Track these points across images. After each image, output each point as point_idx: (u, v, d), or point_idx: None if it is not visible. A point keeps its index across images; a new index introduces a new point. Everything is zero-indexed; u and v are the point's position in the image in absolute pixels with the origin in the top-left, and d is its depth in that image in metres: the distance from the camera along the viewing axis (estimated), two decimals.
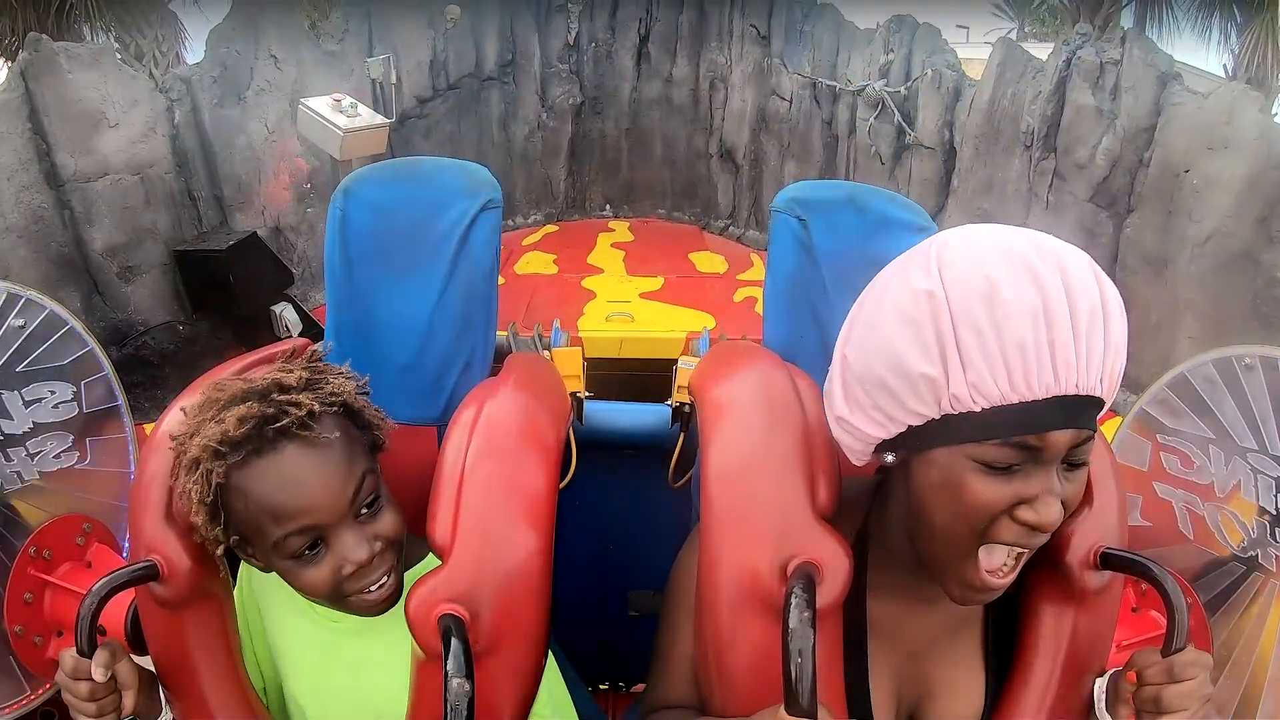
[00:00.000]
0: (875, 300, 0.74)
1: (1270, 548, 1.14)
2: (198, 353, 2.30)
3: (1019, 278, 0.65)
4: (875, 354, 0.72)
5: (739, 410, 0.89)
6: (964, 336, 0.65)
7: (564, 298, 3.09)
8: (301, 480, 0.82)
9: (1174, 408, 1.24)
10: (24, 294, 1.25)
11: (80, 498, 1.33)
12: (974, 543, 0.73)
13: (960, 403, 0.67)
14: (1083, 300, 0.65)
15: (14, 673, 1.21)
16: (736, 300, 3.13)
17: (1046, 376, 0.65)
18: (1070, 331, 0.64)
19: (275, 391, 0.84)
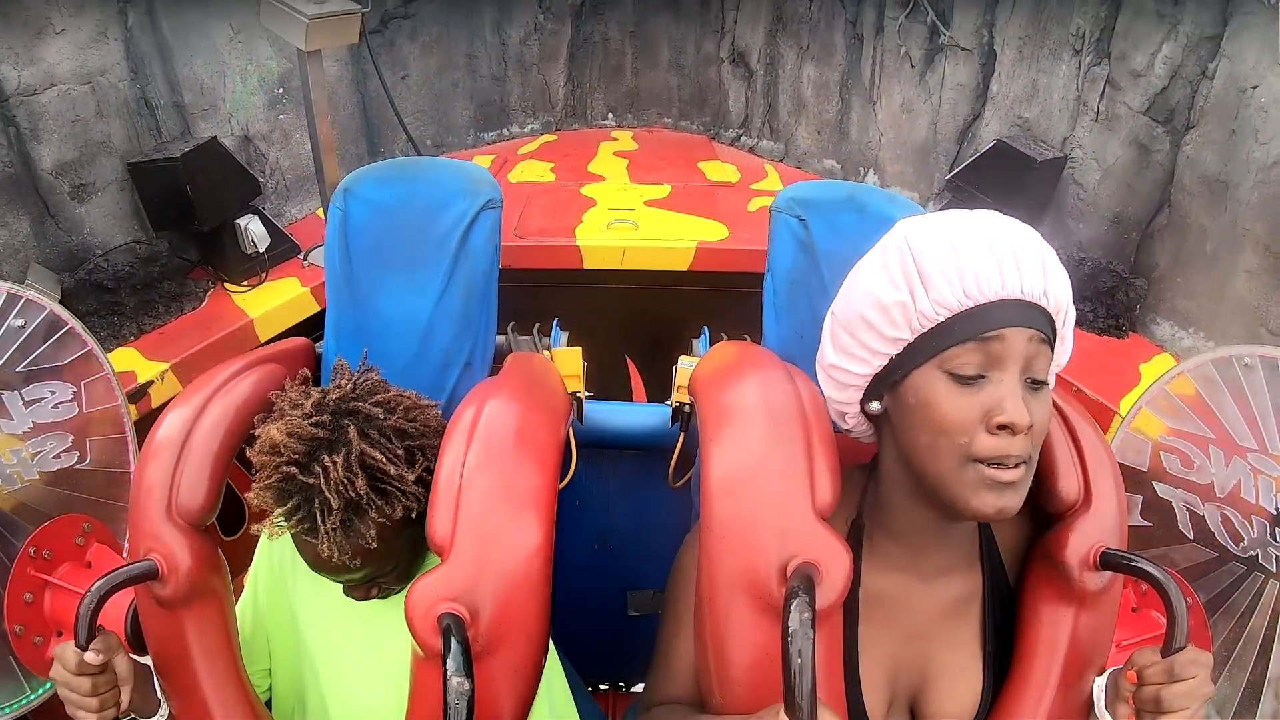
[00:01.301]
0: (854, 270, 0.89)
1: (1270, 548, 1.14)
2: (156, 274, 2.13)
3: (970, 222, 0.81)
4: (855, 299, 0.86)
5: (741, 415, 0.89)
6: (925, 265, 0.79)
7: (561, 205, 2.79)
8: (324, 566, 0.93)
9: (1174, 408, 1.24)
10: (24, 294, 1.25)
11: (80, 498, 1.33)
12: (961, 458, 0.78)
13: (927, 318, 0.79)
14: (1024, 237, 0.80)
15: (14, 673, 1.21)
16: (751, 210, 2.84)
17: (994, 282, 0.77)
18: (1012, 253, 0.78)
19: (321, 505, 0.89)
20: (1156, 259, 2.18)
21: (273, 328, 2.20)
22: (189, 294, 2.20)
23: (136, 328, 2.04)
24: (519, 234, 2.57)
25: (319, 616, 1.08)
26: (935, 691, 0.90)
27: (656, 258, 2.59)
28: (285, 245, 2.46)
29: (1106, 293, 2.18)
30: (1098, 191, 2.27)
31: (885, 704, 0.90)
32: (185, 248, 2.32)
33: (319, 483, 0.87)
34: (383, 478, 0.91)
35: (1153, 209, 2.18)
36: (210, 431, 0.97)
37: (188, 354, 1.96)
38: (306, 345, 1.32)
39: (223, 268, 2.32)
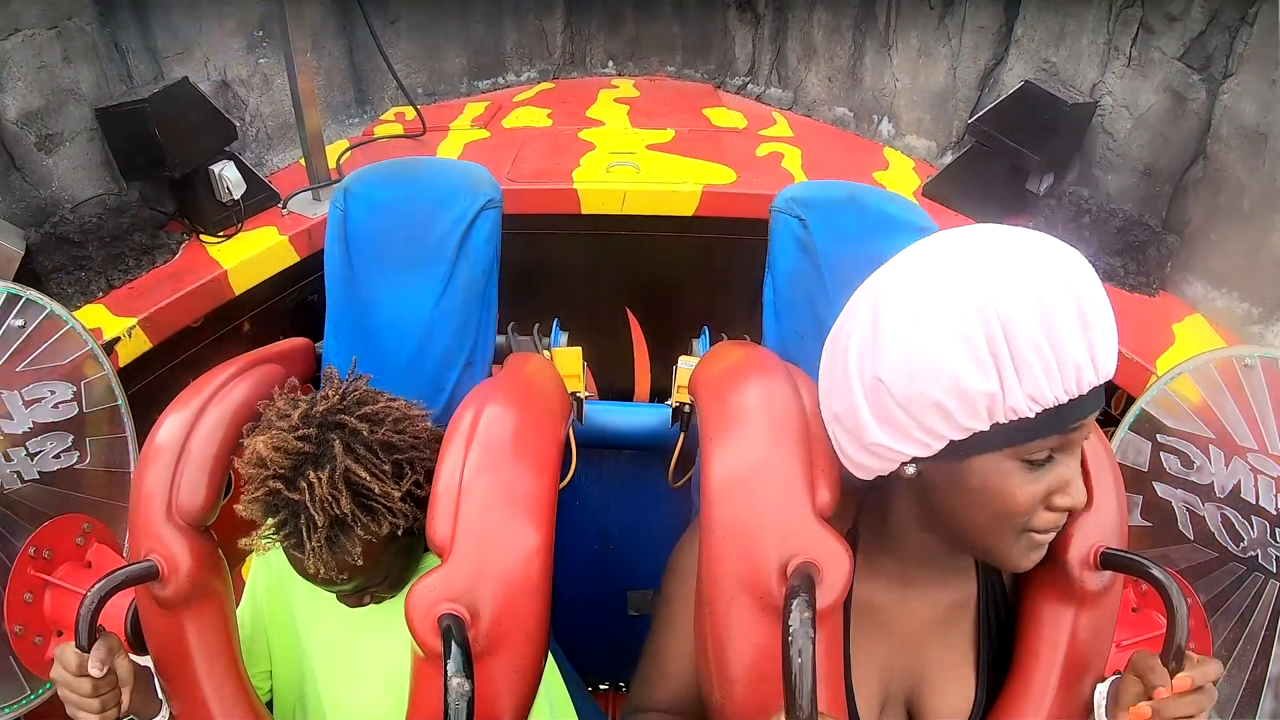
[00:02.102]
0: (909, 319, 0.72)
1: (1270, 548, 1.14)
2: (126, 226, 1.98)
3: (1057, 285, 0.67)
4: (924, 377, 0.71)
5: (741, 416, 0.89)
6: (1022, 352, 0.67)
7: (557, 149, 2.62)
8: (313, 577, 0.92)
9: (1174, 408, 1.24)
10: (24, 294, 1.25)
11: (80, 498, 1.33)
12: (1017, 533, 0.76)
13: (1016, 412, 0.69)
14: (1098, 297, 0.69)
15: (14, 673, 1.21)
16: (760, 155, 2.64)
17: (1090, 374, 0.69)
18: (1100, 328, 0.69)
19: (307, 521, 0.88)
20: (1189, 214, 2.03)
21: (248, 279, 2.07)
22: (161, 247, 2.05)
23: (105, 283, 1.92)
24: (512, 179, 2.44)
25: (317, 620, 1.08)
26: (929, 695, 0.90)
27: (659, 202, 2.42)
28: (263, 193, 2.28)
29: (1138, 247, 2.03)
30: (1128, 141, 2.13)
31: (878, 708, 0.90)
32: (160, 199, 2.17)
33: (304, 499, 0.86)
34: (368, 495, 0.90)
35: (1186, 161, 2.04)
36: (210, 432, 0.97)
37: (156, 308, 1.83)
38: (306, 345, 1.32)
39: (197, 218, 2.16)
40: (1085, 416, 0.71)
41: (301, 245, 2.18)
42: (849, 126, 2.94)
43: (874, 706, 0.89)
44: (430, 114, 2.78)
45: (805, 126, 2.92)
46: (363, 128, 2.85)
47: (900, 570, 0.88)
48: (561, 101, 3.07)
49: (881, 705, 0.90)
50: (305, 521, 0.87)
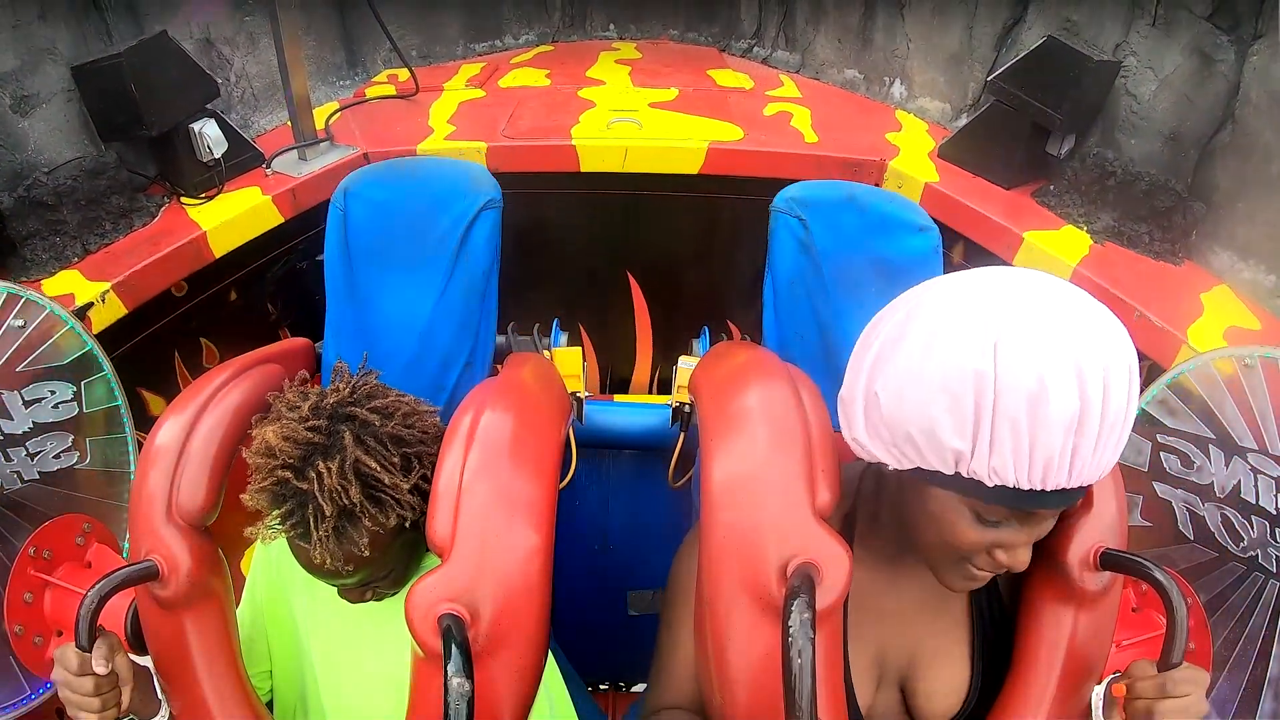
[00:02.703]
0: (920, 350, 0.73)
1: (1270, 548, 1.14)
2: (103, 188, 1.88)
3: (1066, 384, 0.67)
4: (909, 409, 0.73)
5: (741, 417, 0.89)
6: (1000, 427, 0.68)
7: (555, 107, 2.49)
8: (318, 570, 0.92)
9: (1174, 408, 1.24)
10: (24, 294, 1.25)
11: (80, 498, 1.33)
12: (955, 561, 0.80)
13: (976, 475, 0.71)
14: (1113, 407, 0.68)
15: (14, 673, 1.21)
16: (768, 114, 2.52)
17: (1060, 478, 0.69)
18: (1094, 441, 0.68)
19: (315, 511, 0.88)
20: (1216, 180, 1.92)
21: (229, 241, 1.96)
22: (139, 210, 1.93)
23: (81, 248, 1.81)
24: (507, 135, 2.31)
25: (317, 619, 1.08)
26: (923, 675, 0.91)
27: (663, 159, 2.29)
28: (247, 153, 2.15)
29: (1164, 213, 1.93)
30: (1152, 104, 2.03)
31: (873, 687, 0.91)
32: (140, 162, 2.06)
33: (313, 489, 0.87)
34: (377, 486, 0.90)
35: (1214, 125, 1.93)
36: (210, 433, 0.97)
37: (130, 272, 1.73)
38: (306, 345, 1.32)
39: (177, 180, 2.04)
40: (1046, 508, 0.73)
41: (285, 206, 2.07)
42: (859, 89, 2.84)
43: (869, 685, 0.91)
44: (424, 76, 2.68)
45: (814, 89, 2.82)
46: (354, 90, 2.74)
47: (893, 551, 0.90)
48: (560, 63, 2.95)
49: (876, 684, 0.92)
50: (313, 511, 0.87)
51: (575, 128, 2.33)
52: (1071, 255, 1.79)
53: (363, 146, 2.23)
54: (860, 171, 2.21)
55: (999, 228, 1.94)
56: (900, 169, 2.17)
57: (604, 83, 2.73)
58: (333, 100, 2.64)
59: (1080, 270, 1.75)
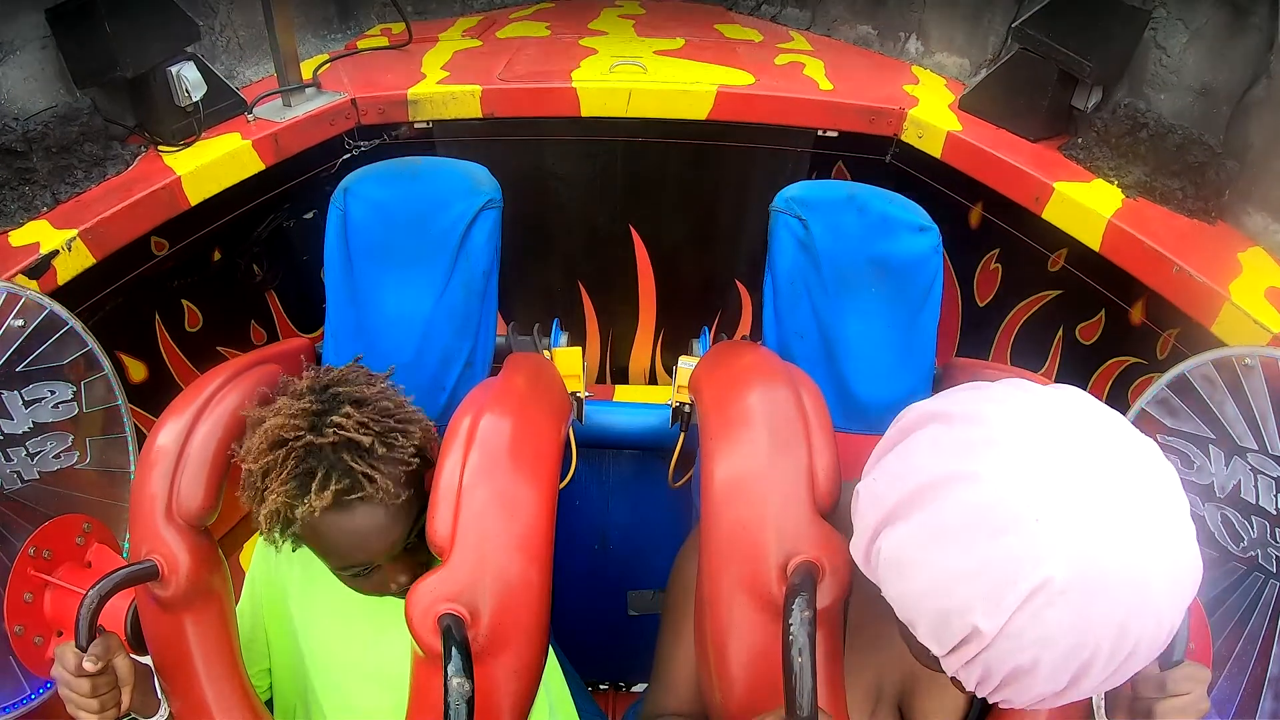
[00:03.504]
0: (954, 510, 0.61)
1: (1270, 548, 1.14)
2: (75, 135, 1.78)
3: (1114, 602, 0.57)
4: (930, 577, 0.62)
5: (742, 418, 0.89)
6: (1039, 651, 0.59)
7: (555, 53, 2.34)
8: (368, 536, 0.89)
9: (1174, 408, 1.24)
10: (24, 294, 1.25)
11: (80, 498, 1.33)
12: None
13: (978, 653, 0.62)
14: (1146, 650, 0.60)
15: (14, 673, 1.21)
16: (779, 64, 2.36)
17: (1073, 694, 0.62)
18: (1119, 662, 0.59)
19: (346, 451, 0.87)
20: (1250, 138, 1.80)
21: (205, 188, 1.83)
22: (114, 158, 1.82)
23: (51, 197, 1.71)
24: (503, 79, 2.18)
25: (315, 621, 1.08)
26: (921, 697, 0.90)
27: (668, 103, 2.14)
28: (228, 100, 2.01)
29: (1197, 169, 1.81)
30: (1182, 57, 1.92)
31: (870, 708, 0.90)
32: (118, 112, 1.94)
33: (339, 437, 0.87)
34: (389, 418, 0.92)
35: (1247, 80, 1.82)
36: (209, 434, 0.97)
37: (98, 219, 1.62)
38: (306, 345, 1.32)
39: (154, 128, 1.90)
40: None
41: (267, 152, 1.94)
42: (872, 45, 2.72)
43: (866, 707, 0.90)
44: (419, 30, 2.55)
45: (826, 43, 2.66)
46: (345, 44, 2.61)
47: None
48: (561, 16, 2.82)
49: (874, 705, 0.91)
50: (350, 451, 0.87)
51: (576, 71, 2.19)
52: (1105, 208, 1.69)
53: (351, 92, 2.11)
54: (878, 120, 2.10)
55: (1027, 178, 1.83)
56: (920, 118, 2.05)
57: (606, 33, 2.60)
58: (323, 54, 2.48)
59: (1115, 222, 1.65)
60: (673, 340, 2.71)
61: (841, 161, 2.28)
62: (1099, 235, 1.67)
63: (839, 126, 2.14)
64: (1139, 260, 1.59)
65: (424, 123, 2.17)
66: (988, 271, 2.16)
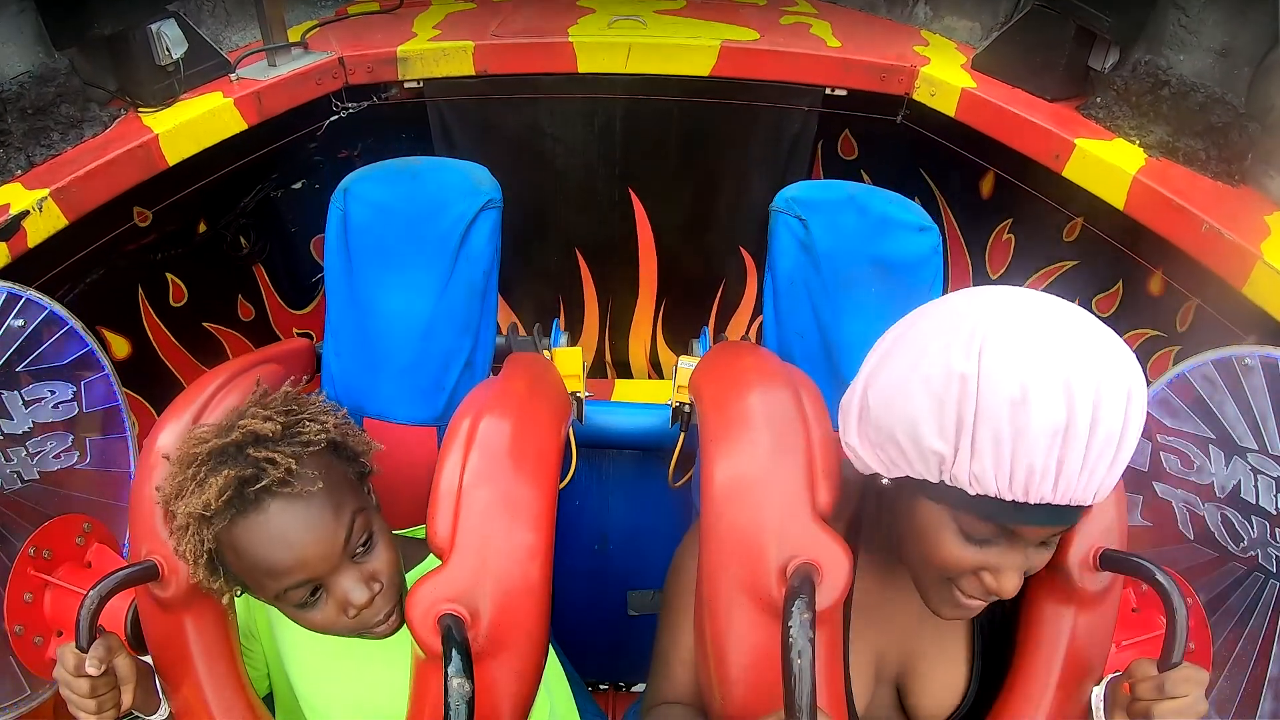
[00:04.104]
0: (908, 354, 0.74)
1: (1270, 548, 1.14)
2: (52, 96, 1.72)
3: (1052, 393, 0.65)
4: (895, 413, 0.73)
5: (741, 419, 0.89)
6: (981, 432, 0.67)
7: (551, 11, 2.25)
8: (290, 537, 0.82)
9: (1174, 408, 1.24)
10: (24, 294, 1.25)
11: (80, 498, 1.33)
12: (941, 582, 0.78)
13: (958, 481, 0.71)
14: (1104, 426, 0.66)
15: (14, 673, 1.21)
16: (784, 23, 2.27)
17: (1045, 489, 0.68)
18: (1082, 455, 0.66)
19: (251, 445, 0.83)
20: (1272, 100, 1.74)
21: (184, 147, 1.74)
22: (92, 119, 1.74)
23: (26, 160, 1.64)
24: (497, 34, 2.09)
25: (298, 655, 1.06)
26: (918, 678, 0.92)
27: (670, 59, 2.05)
28: (211, 60, 1.92)
29: (1220, 130, 1.76)
30: (1202, 16, 1.86)
31: (869, 688, 0.92)
32: (99, 75, 1.86)
33: (243, 433, 0.84)
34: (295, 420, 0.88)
35: (1268, 41, 1.77)
36: None
37: (71, 178, 1.54)
38: (307, 346, 1.32)
39: (134, 90, 1.81)
40: (1031, 524, 0.71)
41: (249, 110, 1.84)
42: (879, 10, 2.60)
43: (867, 686, 0.91)
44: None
45: (830, 8, 2.55)
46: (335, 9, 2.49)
47: (892, 558, 0.90)
48: None
49: (873, 683, 0.92)
50: (254, 445, 0.82)
51: (573, 27, 2.11)
52: (1129, 165, 1.62)
53: (338, 51, 2.03)
54: (888, 78, 2.01)
55: (1046, 134, 1.74)
56: (933, 75, 1.97)
57: None
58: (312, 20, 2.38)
59: (1140, 178, 1.58)
60: (675, 311, 2.59)
61: (849, 129, 2.18)
62: (1123, 193, 1.58)
63: (848, 84, 2.05)
64: (1165, 218, 1.51)
65: (414, 82, 2.08)
66: (1000, 242, 2.08)
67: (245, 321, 2.16)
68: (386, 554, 0.90)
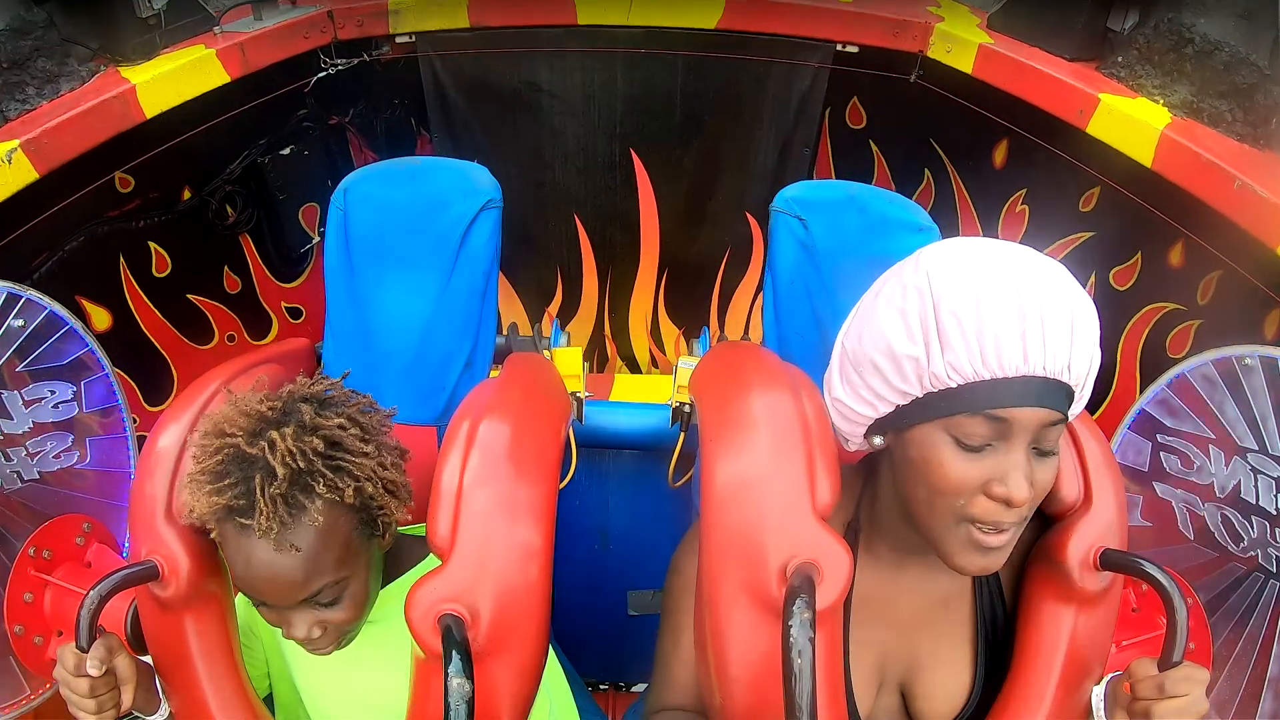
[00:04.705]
0: (871, 297, 0.84)
1: (1270, 548, 1.14)
2: (28, 50, 1.64)
3: (1000, 274, 0.74)
4: (868, 339, 0.81)
5: (741, 420, 0.89)
6: (945, 321, 0.74)
7: None
8: (254, 570, 0.84)
9: (1174, 408, 1.24)
10: (24, 294, 1.25)
11: (80, 498, 1.33)
12: (955, 518, 0.78)
13: (939, 380, 0.75)
14: (1057, 302, 0.73)
15: (14, 673, 1.21)
16: None
17: (1015, 357, 0.72)
18: (1040, 323, 0.72)
19: (263, 476, 0.81)
20: None
21: (162, 98, 1.66)
22: (69, 74, 1.67)
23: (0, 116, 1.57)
24: None
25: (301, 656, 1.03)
26: (923, 680, 0.92)
27: (675, 11, 1.96)
28: (196, 15, 1.83)
29: (1245, 91, 1.70)
30: None
31: (874, 690, 0.92)
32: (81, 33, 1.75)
33: (263, 454, 0.81)
34: (338, 447, 0.85)
35: None
36: None
37: (42, 129, 1.47)
38: (307, 346, 1.32)
39: (114, 44, 1.73)
40: (1014, 405, 0.73)
41: (233, 62, 1.75)
42: None
43: (870, 690, 0.91)
44: None
45: None
46: None
47: (895, 558, 0.90)
48: None
49: (877, 688, 0.92)
50: (262, 478, 0.80)
51: None
52: (1156, 120, 1.56)
53: (328, 3, 1.94)
54: (902, 34, 1.95)
55: (1069, 89, 1.67)
56: (949, 30, 1.90)
57: None
58: None
59: (1168, 134, 1.51)
60: (678, 281, 2.48)
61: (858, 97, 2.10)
62: (1151, 149, 1.52)
63: (860, 40, 1.99)
64: (1196, 175, 1.44)
65: (406, 36, 2.00)
66: (1014, 214, 2.01)
67: (231, 294, 2.05)
68: (346, 614, 0.89)
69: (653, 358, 2.64)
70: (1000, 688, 0.89)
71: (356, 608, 0.91)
